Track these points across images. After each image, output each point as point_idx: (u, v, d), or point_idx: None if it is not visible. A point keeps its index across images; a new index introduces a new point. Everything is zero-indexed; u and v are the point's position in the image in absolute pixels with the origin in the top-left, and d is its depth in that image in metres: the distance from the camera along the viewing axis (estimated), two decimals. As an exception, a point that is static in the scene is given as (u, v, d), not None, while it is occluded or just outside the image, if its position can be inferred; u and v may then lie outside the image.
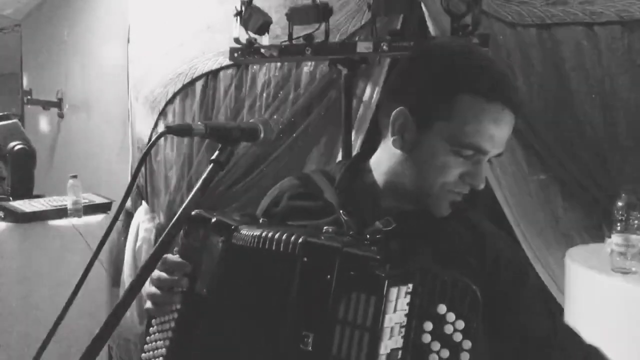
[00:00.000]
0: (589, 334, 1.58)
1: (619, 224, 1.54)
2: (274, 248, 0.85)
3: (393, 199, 0.99)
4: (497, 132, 0.88)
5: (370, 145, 1.07)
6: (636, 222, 1.52)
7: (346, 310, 0.77)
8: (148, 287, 0.96)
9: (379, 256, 0.77)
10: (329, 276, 0.79)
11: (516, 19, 2.00)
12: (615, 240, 1.55)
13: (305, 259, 0.82)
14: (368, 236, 0.88)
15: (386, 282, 0.75)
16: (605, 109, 1.92)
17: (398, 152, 0.95)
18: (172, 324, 0.96)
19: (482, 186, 0.92)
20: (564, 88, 1.97)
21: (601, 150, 1.93)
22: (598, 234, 1.98)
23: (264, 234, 0.87)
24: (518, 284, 0.95)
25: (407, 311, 0.77)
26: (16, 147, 2.61)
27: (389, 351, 0.76)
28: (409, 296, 0.78)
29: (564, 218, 2.03)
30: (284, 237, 0.85)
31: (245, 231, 0.90)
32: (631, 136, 1.90)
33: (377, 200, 1.00)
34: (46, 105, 3.54)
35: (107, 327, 0.70)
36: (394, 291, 0.76)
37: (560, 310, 1.86)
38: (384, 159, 1.00)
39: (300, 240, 0.83)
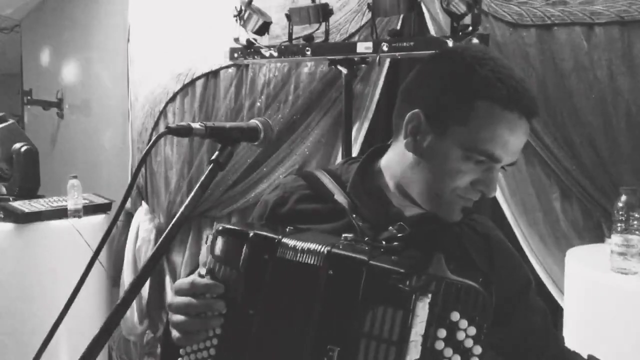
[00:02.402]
0: (589, 334, 1.59)
1: (619, 224, 1.54)
2: (302, 260, 0.84)
3: (404, 202, 0.98)
4: (512, 141, 0.88)
5: (379, 146, 1.06)
6: (636, 222, 1.52)
7: (372, 324, 0.77)
8: (174, 317, 0.88)
9: (403, 269, 0.77)
10: (355, 289, 0.78)
11: (516, 19, 2.00)
12: (615, 240, 1.55)
13: (331, 272, 0.81)
14: (384, 243, 0.87)
15: (413, 297, 0.75)
16: (605, 109, 1.92)
17: (410, 154, 0.94)
18: (212, 351, 0.89)
19: (493, 194, 0.91)
20: (564, 88, 1.97)
21: (601, 150, 1.93)
22: (598, 234, 1.98)
23: (299, 245, 0.84)
24: (517, 297, 0.96)
25: (426, 321, 0.78)
26: (23, 148, 2.64)
27: None
28: (427, 306, 0.78)
29: (563, 218, 2.03)
30: (308, 246, 0.83)
31: (289, 242, 0.86)
32: (631, 136, 1.91)
33: (388, 203, 0.99)
34: (46, 105, 3.54)
35: (107, 327, 0.70)
36: (420, 305, 0.76)
37: (560, 311, 1.86)
38: (395, 162, 0.98)
39: (325, 250, 0.82)
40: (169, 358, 0.93)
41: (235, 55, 2.29)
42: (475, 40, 1.90)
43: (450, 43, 1.93)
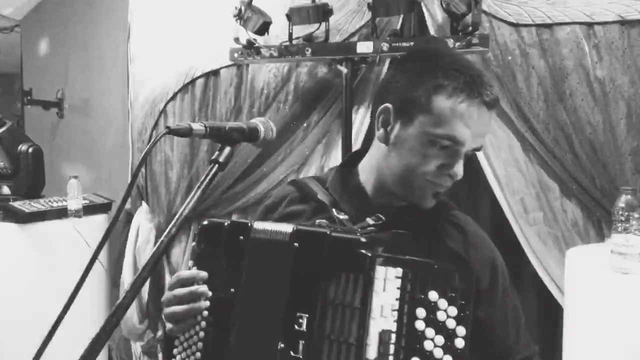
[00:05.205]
0: (589, 334, 1.59)
1: (619, 224, 1.54)
2: (271, 238, 0.91)
3: (382, 196, 1.05)
4: (473, 125, 0.94)
5: (360, 149, 1.14)
6: (635, 222, 1.51)
7: (336, 291, 0.81)
8: (165, 310, 0.96)
9: (364, 239, 0.82)
10: (319, 260, 0.84)
11: (516, 19, 2.00)
12: (615, 240, 1.55)
13: (297, 244, 0.87)
14: (359, 230, 0.92)
15: (372, 261, 0.79)
16: (605, 109, 1.92)
17: (383, 146, 1.02)
18: (201, 334, 0.95)
19: (459, 177, 0.97)
20: (564, 88, 1.97)
21: (601, 150, 1.93)
22: (598, 234, 1.98)
23: (268, 227, 0.92)
24: (490, 287, 1.01)
25: (398, 296, 0.80)
26: (30, 149, 2.67)
27: (380, 330, 0.78)
28: (398, 280, 0.80)
29: (563, 218, 2.03)
30: (278, 227, 0.91)
31: (258, 226, 0.94)
32: (631, 136, 1.91)
33: (368, 199, 1.06)
34: (46, 105, 3.54)
35: (107, 327, 0.70)
36: (380, 269, 0.79)
37: (560, 311, 1.86)
38: (372, 156, 1.07)
39: (291, 229, 0.89)
40: (168, 350, 0.99)
41: (235, 55, 2.29)
42: (475, 41, 1.90)
43: (450, 43, 1.93)
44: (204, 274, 0.96)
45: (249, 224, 0.94)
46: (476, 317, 0.93)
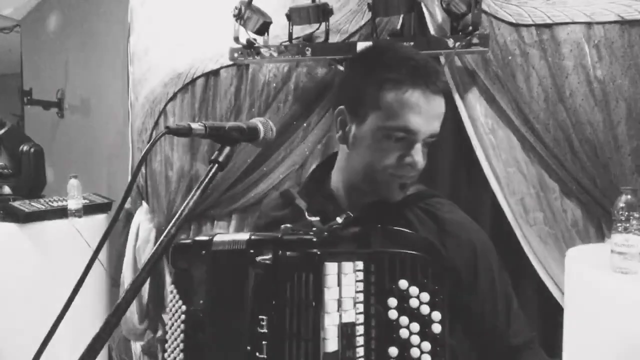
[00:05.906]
0: (589, 334, 1.59)
1: (619, 224, 1.54)
2: (230, 248, 0.95)
3: (353, 195, 1.08)
4: (422, 112, 0.96)
5: (334, 154, 1.17)
6: (635, 222, 1.51)
7: (292, 290, 0.84)
8: None
9: (315, 239, 0.84)
10: (273, 263, 0.87)
11: (516, 19, 2.00)
12: (615, 240, 1.54)
13: (252, 251, 0.90)
14: (326, 229, 0.94)
15: (320, 258, 0.82)
16: (605, 109, 1.92)
17: (345, 147, 1.05)
18: (182, 346, 1.01)
19: (420, 165, 0.99)
20: (564, 88, 1.97)
21: (601, 150, 1.93)
22: (598, 234, 1.98)
23: (226, 239, 0.97)
24: (471, 273, 1.02)
25: (360, 288, 0.83)
26: (32, 149, 2.69)
27: (337, 323, 0.81)
28: (360, 273, 0.83)
29: (563, 218, 2.03)
30: (235, 237, 0.94)
31: (218, 239, 0.99)
32: (631, 136, 1.91)
33: (338, 199, 1.09)
34: (46, 105, 3.54)
35: (107, 327, 0.70)
36: (330, 265, 0.81)
37: (560, 311, 1.86)
38: (340, 159, 1.10)
39: (246, 237, 0.92)
40: None
41: (235, 55, 2.29)
42: (475, 41, 1.90)
43: (450, 43, 1.93)
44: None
45: (210, 239, 0.99)
46: (462, 304, 0.93)
